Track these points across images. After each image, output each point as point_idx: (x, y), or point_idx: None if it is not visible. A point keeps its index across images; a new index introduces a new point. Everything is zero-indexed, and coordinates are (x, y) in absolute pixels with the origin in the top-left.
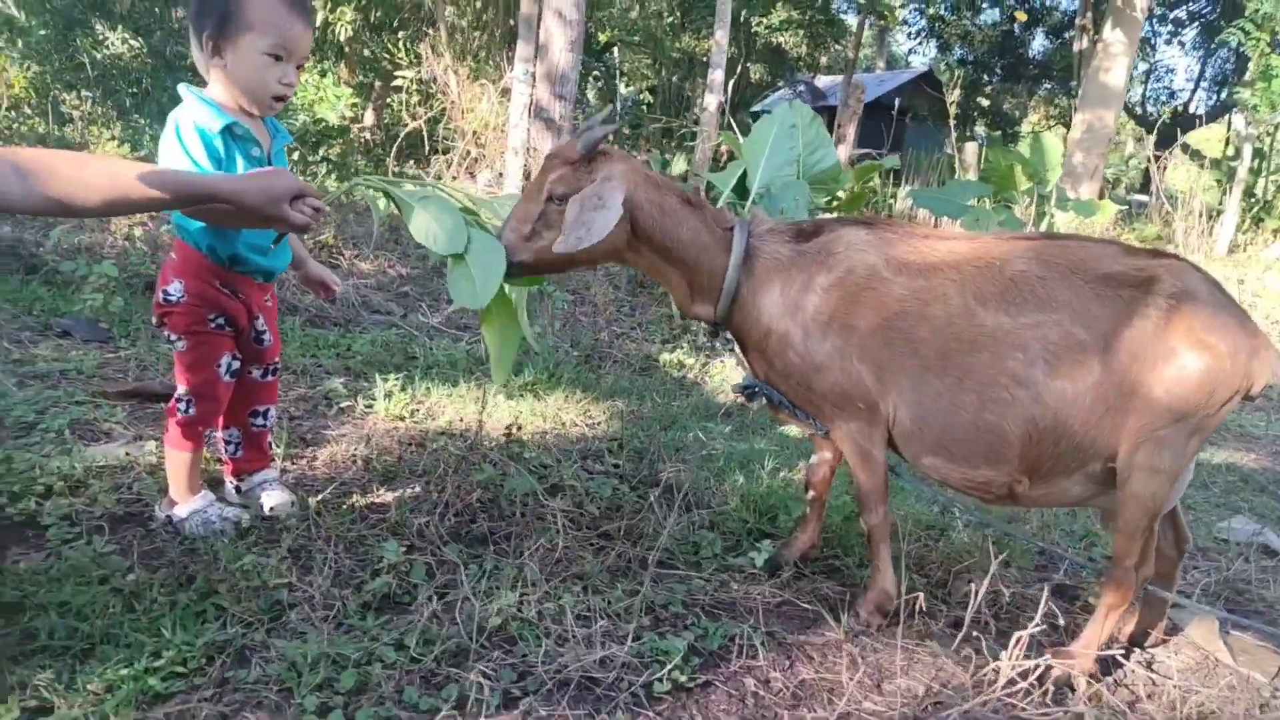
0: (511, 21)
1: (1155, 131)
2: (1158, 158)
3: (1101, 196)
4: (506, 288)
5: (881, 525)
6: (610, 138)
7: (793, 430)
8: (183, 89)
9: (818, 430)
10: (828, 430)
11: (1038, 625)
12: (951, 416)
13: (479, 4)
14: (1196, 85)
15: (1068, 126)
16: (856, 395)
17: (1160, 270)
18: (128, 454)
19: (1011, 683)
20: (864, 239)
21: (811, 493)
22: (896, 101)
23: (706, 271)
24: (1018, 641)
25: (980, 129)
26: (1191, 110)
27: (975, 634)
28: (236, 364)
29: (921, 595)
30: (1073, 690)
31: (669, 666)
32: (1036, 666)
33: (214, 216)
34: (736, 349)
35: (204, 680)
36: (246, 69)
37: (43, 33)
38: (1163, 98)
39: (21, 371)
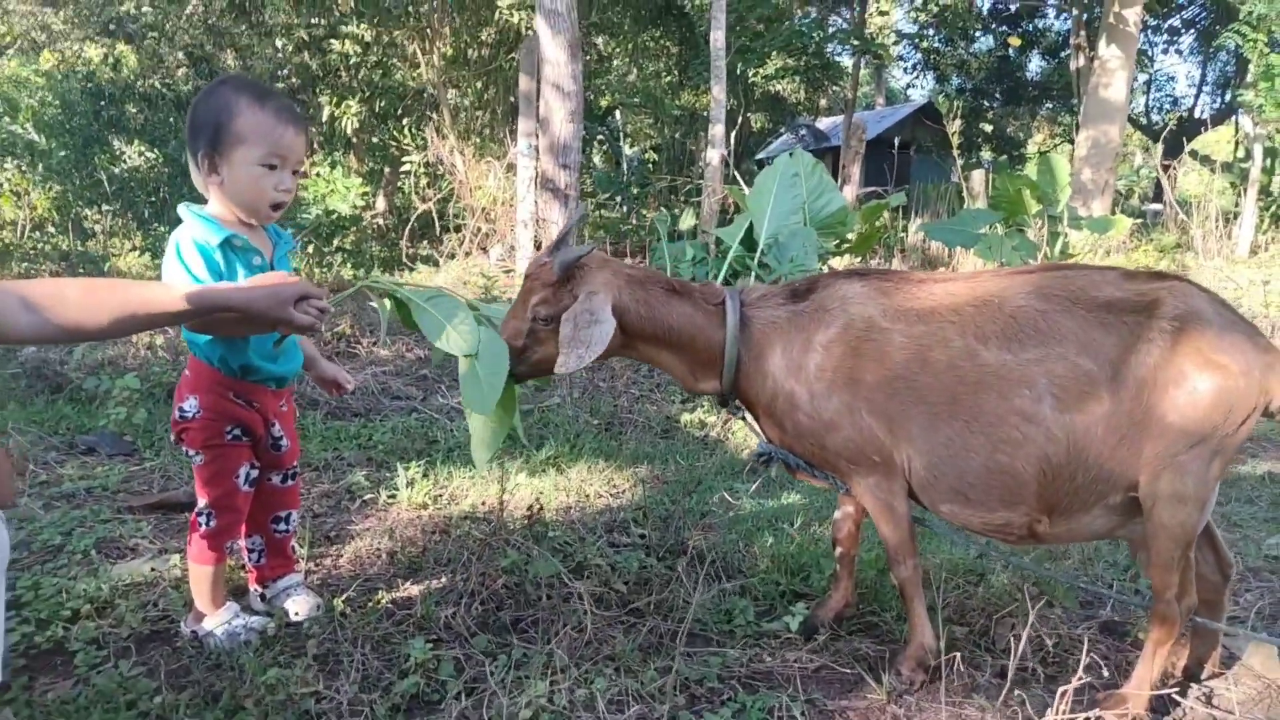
0: (512, 98)
1: (1161, 140)
2: (1166, 167)
3: (1114, 211)
4: None
5: (913, 577)
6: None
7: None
8: (182, 209)
9: (839, 488)
10: (849, 487)
11: (1081, 678)
12: (964, 461)
13: (479, 84)
14: (1199, 91)
15: (1073, 144)
16: (870, 449)
17: (1162, 293)
18: (153, 569)
19: None
20: (858, 291)
21: (839, 549)
22: (897, 139)
23: (704, 350)
24: (1063, 695)
25: (986, 154)
26: (1196, 115)
27: (1019, 685)
28: (255, 473)
29: (959, 653)
30: None
31: None
32: (1086, 718)
33: (221, 327)
34: (748, 416)
35: None
36: (243, 181)
37: (62, 154)
38: (1166, 105)
39: (49, 493)
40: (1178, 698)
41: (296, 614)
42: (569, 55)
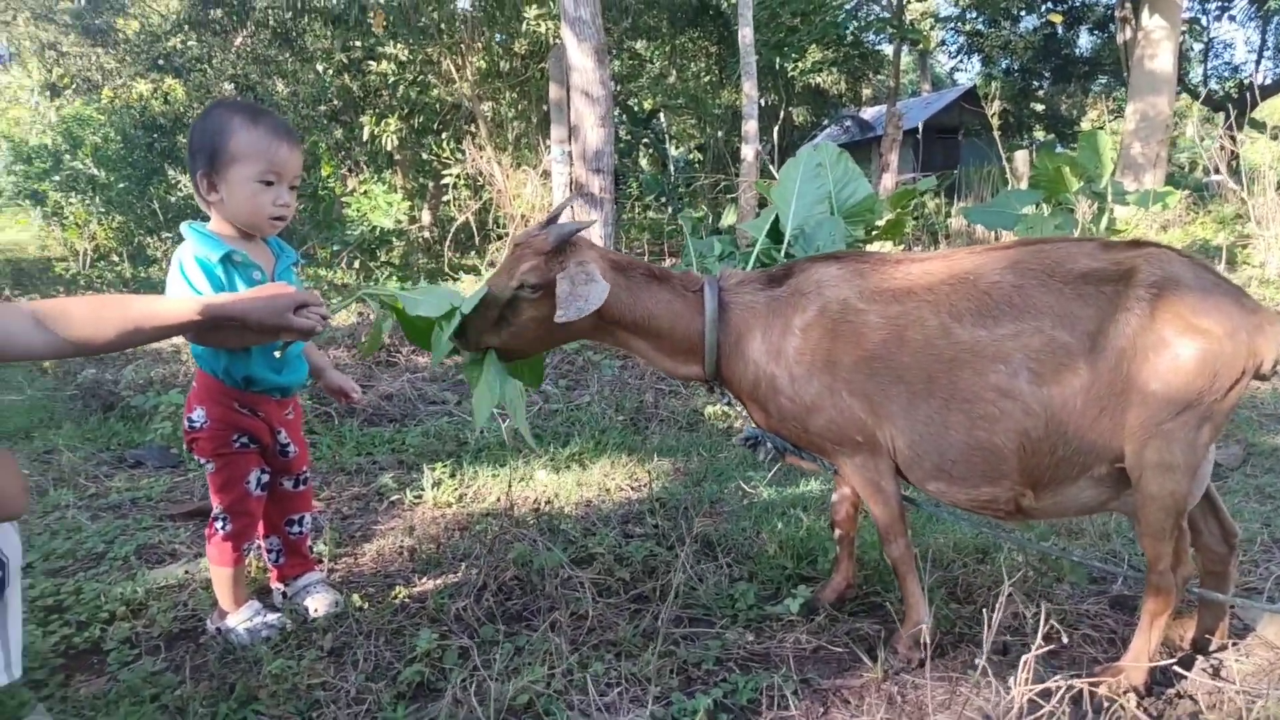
0: (544, 106)
1: (1197, 106)
2: (1232, 137)
3: (1168, 184)
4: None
5: (905, 555)
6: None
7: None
8: (183, 227)
9: (825, 469)
10: (836, 468)
11: (1042, 647)
12: (944, 439)
13: (513, 95)
14: (1260, 56)
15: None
16: (852, 430)
17: (1138, 260)
18: (186, 573)
19: (1036, 706)
20: (834, 274)
21: (838, 531)
22: (920, 124)
23: (683, 337)
24: (1024, 664)
25: (1039, 135)
26: (1260, 82)
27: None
28: (266, 477)
29: (961, 631)
30: (1122, 708)
31: None
32: (1058, 688)
33: (226, 338)
34: (734, 402)
35: None
36: (240, 198)
37: (122, 186)
38: (1225, 74)
39: (96, 505)
40: (1180, 670)
41: (315, 610)
42: (595, 61)
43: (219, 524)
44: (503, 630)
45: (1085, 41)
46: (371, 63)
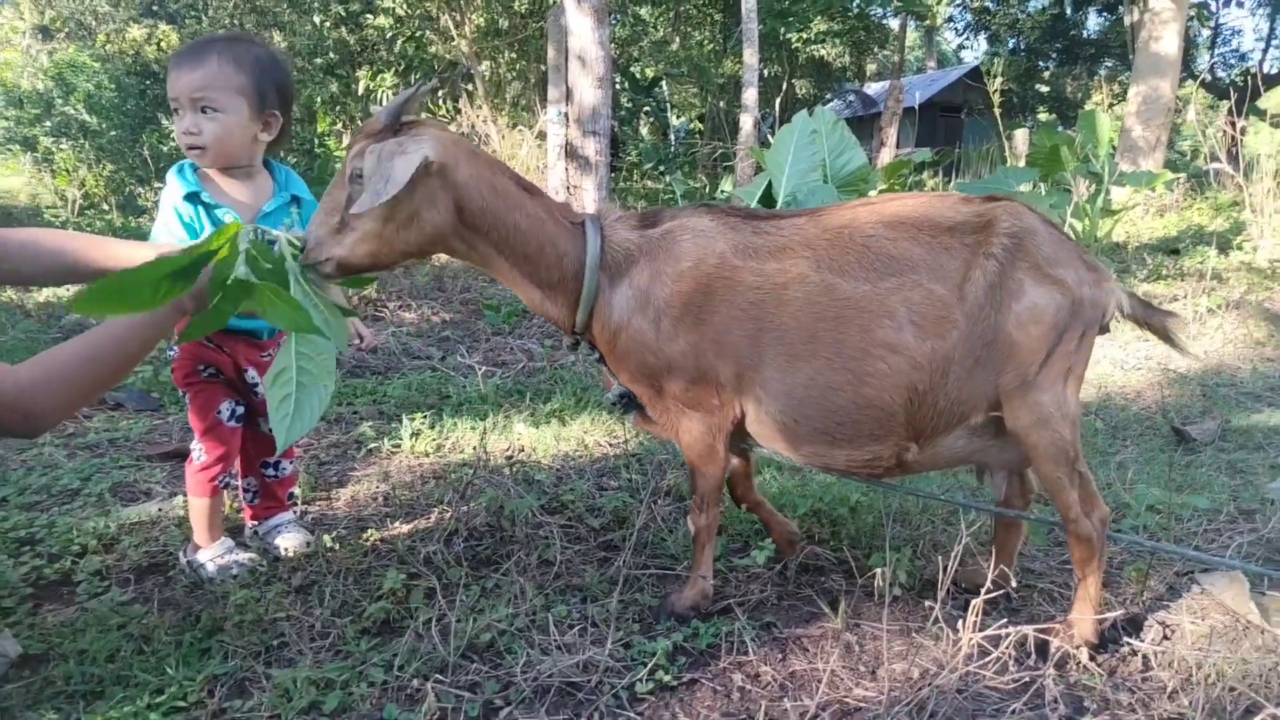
0: (542, 66)
1: (1200, 92)
2: (1233, 124)
3: (1166, 168)
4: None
5: (711, 527)
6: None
7: None
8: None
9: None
10: (676, 430)
11: (989, 591)
12: (829, 400)
13: (512, 55)
14: (1268, 44)
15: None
16: (711, 394)
17: (997, 211)
18: (160, 510)
19: (984, 652)
20: (708, 225)
21: (744, 505)
22: (923, 100)
23: (553, 264)
24: (973, 609)
25: (1042, 116)
26: (1267, 71)
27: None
28: (241, 409)
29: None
30: (1069, 656)
31: (649, 666)
32: (1007, 634)
33: None
34: (600, 359)
35: (202, 712)
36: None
37: (113, 133)
38: (1231, 61)
39: (74, 444)
40: (1128, 627)
41: (286, 549)
42: (595, 21)
43: (195, 453)
44: (470, 573)
45: (1093, 23)
46: (369, 16)
